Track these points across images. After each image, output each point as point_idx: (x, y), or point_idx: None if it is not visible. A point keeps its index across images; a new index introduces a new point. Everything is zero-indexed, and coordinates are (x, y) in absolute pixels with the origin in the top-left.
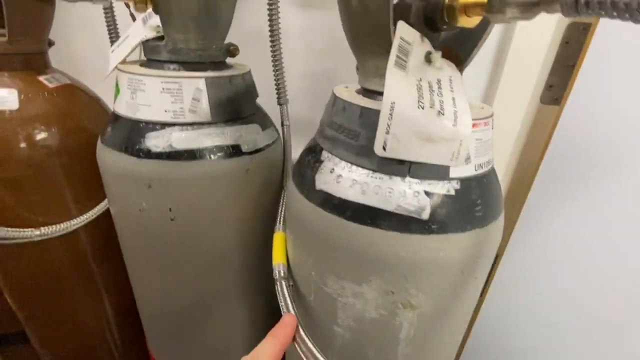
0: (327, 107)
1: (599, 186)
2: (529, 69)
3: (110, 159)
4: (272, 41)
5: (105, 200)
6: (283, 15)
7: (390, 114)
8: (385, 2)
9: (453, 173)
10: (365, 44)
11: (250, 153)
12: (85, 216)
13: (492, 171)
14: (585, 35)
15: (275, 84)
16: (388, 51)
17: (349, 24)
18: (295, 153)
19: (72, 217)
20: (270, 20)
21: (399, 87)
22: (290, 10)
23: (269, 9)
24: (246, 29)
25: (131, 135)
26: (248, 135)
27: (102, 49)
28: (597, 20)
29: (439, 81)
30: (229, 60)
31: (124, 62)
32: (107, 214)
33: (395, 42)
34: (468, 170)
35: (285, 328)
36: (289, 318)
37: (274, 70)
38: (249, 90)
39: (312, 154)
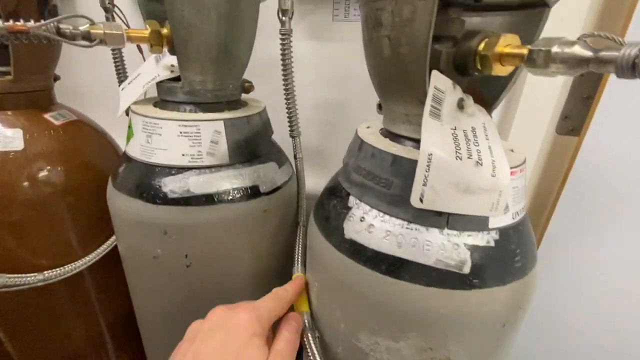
0: (351, 150)
1: (620, 219)
2: (544, 100)
3: (123, 204)
4: (284, 74)
5: (112, 238)
6: (294, 47)
7: (428, 166)
8: (423, 54)
9: (492, 223)
10: (394, 91)
11: (268, 193)
12: (90, 256)
13: (526, 217)
14: None
15: (288, 117)
16: (420, 100)
17: (377, 70)
18: (307, 183)
19: (76, 257)
20: (282, 53)
21: (436, 138)
22: (301, 42)
23: (281, 43)
24: (256, 59)
25: (146, 180)
26: (266, 174)
27: (110, 82)
28: None
29: (473, 129)
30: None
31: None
32: (112, 251)
33: (430, 92)
34: (506, 220)
35: (298, 279)
36: (301, 275)
37: (286, 104)
38: (265, 128)
39: (337, 198)
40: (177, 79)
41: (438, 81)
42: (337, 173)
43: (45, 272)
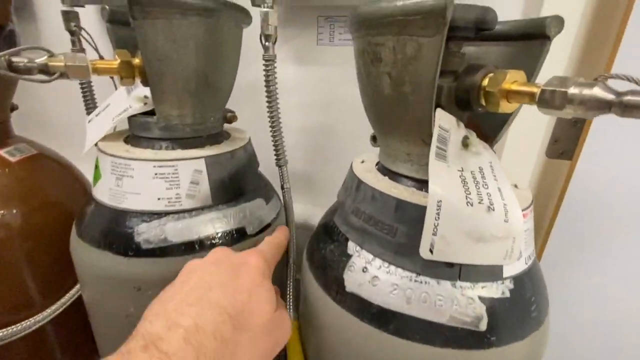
0: (347, 188)
1: (617, 242)
2: (536, 123)
3: (89, 258)
4: (269, 101)
5: (76, 287)
6: (278, 72)
7: (437, 214)
8: (429, 94)
9: (506, 271)
10: (394, 129)
11: (256, 234)
12: (52, 308)
13: (536, 259)
14: None
15: (274, 146)
16: (424, 140)
17: (375, 107)
18: (295, 210)
19: (37, 310)
20: (266, 80)
21: (444, 182)
22: (285, 66)
23: (265, 69)
24: (237, 86)
25: (116, 228)
26: (252, 213)
27: (78, 109)
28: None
29: (481, 169)
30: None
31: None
32: (79, 299)
33: (435, 132)
34: (519, 266)
35: (282, 228)
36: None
37: (271, 132)
38: (251, 162)
39: (334, 242)
40: (151, 112)
41: (442, 119)
42: (330, 209)
43: (0, 330)
